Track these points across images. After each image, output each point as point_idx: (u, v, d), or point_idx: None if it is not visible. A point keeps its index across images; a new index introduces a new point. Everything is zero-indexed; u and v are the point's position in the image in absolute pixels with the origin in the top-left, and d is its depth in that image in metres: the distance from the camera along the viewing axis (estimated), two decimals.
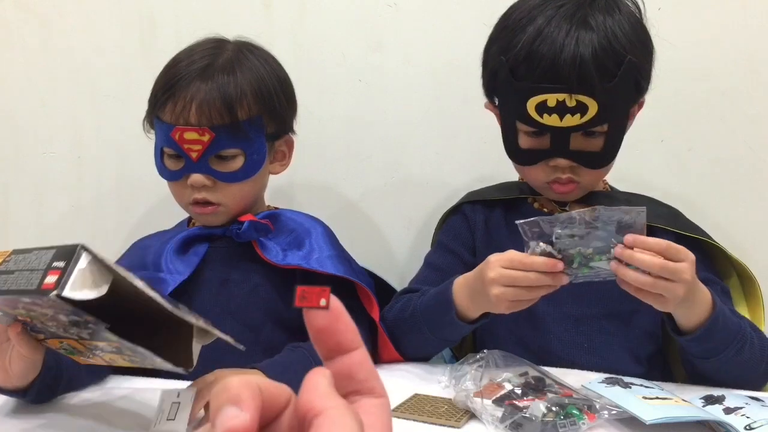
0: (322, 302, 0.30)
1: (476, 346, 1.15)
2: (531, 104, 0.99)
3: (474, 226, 1.16)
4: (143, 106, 1.41)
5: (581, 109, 0.97)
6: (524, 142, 1.05)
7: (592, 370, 0.98)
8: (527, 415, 0.74)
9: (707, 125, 1.33)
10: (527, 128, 1.03)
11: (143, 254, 1.10)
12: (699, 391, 0.89)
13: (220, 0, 1.40)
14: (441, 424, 0.79)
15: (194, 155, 1.02)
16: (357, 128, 1.40)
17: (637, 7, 1.04)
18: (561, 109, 0.97)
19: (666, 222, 1.06)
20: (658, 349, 1.10)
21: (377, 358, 1.06)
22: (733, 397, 0.85)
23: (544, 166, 1.04)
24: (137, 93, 1.40)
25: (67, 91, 1.42)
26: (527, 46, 0.98)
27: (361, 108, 1.40)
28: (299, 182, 1.40)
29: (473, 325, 0.99)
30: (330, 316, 0.31)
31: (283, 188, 1.38)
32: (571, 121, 0.98)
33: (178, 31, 1.39)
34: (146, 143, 1.41)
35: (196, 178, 1.03)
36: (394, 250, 1.43)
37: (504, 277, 0.89)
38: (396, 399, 0.85)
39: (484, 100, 1.15)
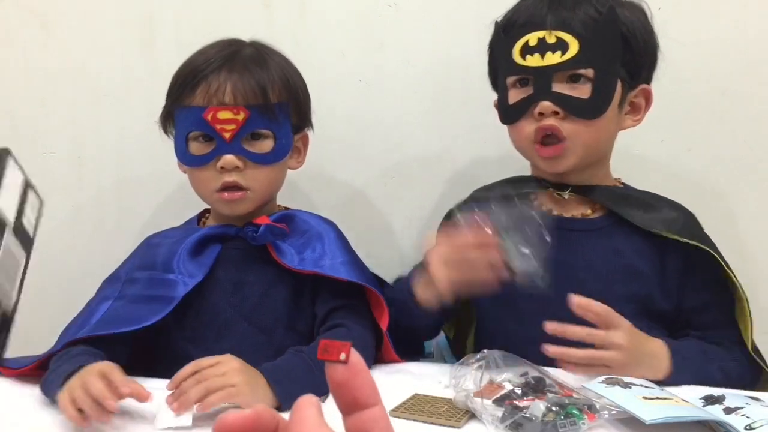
0: (342, 356, 0.31)
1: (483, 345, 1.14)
2: (516, 49, 1.02)
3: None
4: (143, 106, 1.41)
5: (561, 46, 0.99)
6: (512, 96, 1.05)
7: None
8: (527, 415, 0.74)
9: (707, 125, 1.33)
10: (514, 78, 1.05)
11: (153, 253, 1.09)
12: (699, 391, 0.88)
13: (220, 0, 1.40)
14: (441, 424, 0.79)
15: (227, 135, 1.02)
16: (357, 128, 1.40)
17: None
18: (542, 47, 1.00)
19: (678, 231, 1.04)
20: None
21: (380, 360, 1.06)
22: (733, 397, 0.85)
23: (530, 118, 1.03)
24: (137, 93, 1.41)
25: (67, 91, 1.42)
26: (515, 6, 1.06)
27: (361, 108, 1.40)
28: (299, 182, 1.40)
29: (433, 313, 1.00)
30: (348, 372, 0.31)
31: (283, 187, 1.38)
32: (552, 59, 0.99)
33: (178, 31, 1.39)
34: (146, 143, 1.41)
35: (229, 158, 1.03)
36: (394, 249, 1.43)
37: (440, 253, 0.94)
38: (396, 399, 0.85)
39: (484, 100, 1.16)
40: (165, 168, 1.38)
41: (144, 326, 0.98)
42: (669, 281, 1.06)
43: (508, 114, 1.07)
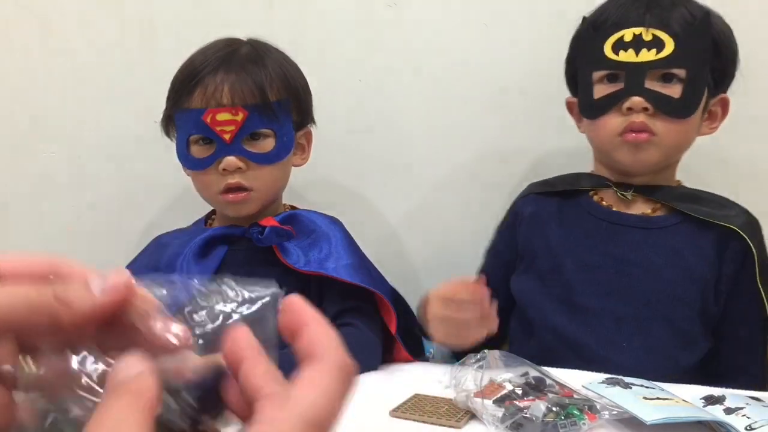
0: None
1: (506, 331, 1.15)
2: (608, 44, 1.02)
3: (521, 221, 1.16)
4: (143, 106, 1.40)
5: (657, 44, 0.99)
6: (599, 91, 1.04)
7: (626, 371, 0.93)
8: (528, 416, 0.74)
9: None
10: (602, 72, 1.04)
11: (160, 254, 1.09)
12: (699, 391, 0.88)
13: (220, 0, 1.40)
14: (441, 425, 0.79)
15: (227, 137, 1.02)
16: (357, 128, 1.40)
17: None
18: (637, 44, 0.99)
19: (738, 226, 1.03)
20: (700, 360, 1.05)
21: (391, 361, 1.06)
22: (734, 397, 0.85)
23: (618, 113, 1.02)
24: (137, 93, 1.41)
25: (67, 91, 1.42)
26: (606, 5, 1.06)
27: (361, 108, 1.40)
28: (299, 182, 1.40)
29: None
30: None
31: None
32: (647, 56, 0.99)
33: (178, 31, 1.39)
34: (146, 143, 1.41)
35: (230, 160, 1.03)
36: (394, 250, 1.43)
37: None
38: (396, 399, 0.85)
39: (484, 100, 1.16)
40: (165, 168, 1.38)
41: None
42: (722, 285, 1.04)
43: (593, 108, 1.06)
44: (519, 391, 0.81)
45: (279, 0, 1.39)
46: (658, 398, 0.81)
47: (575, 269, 1.07)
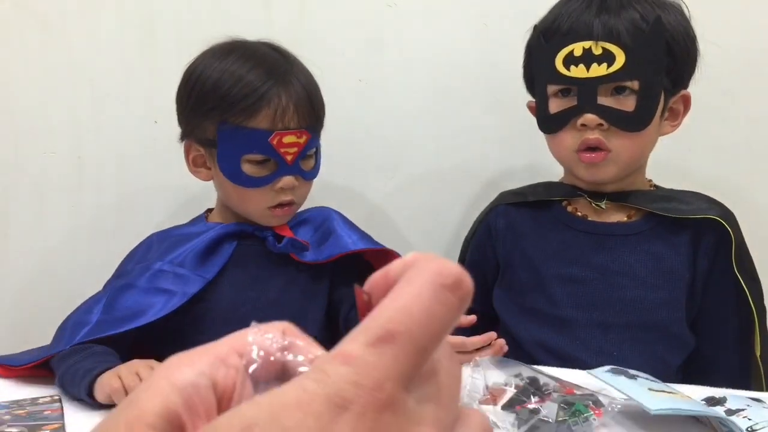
0: None
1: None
2: (559, 58, 1.00)
3: (495, 235, 1.16)
4: (143, 106, 1.40)
5: (608, 58, 0.97)
6: (554, 106, 1.04)
7: None
8: (542, 418, 0.74)
9: (707, 125, 1.33)
10: (556, 87, 1.03)
11: (158, 248, 1.09)
12: (700, 393, 0.88)
13: (220, 0, 1.40)
14: None
15: (290, 158, 1.03)
16: (357, 128, 1.40)
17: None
18: (587, 58, 0.98)
19: (721, 217, 1.03)
20: (689, 356, 1.07)
21: None
22: (735, 398, 0.85)
23: (573, 129, 1.02)
24: (137, 93, 1.40)
25: (67, 91, 1.41)
26: (557, 10, 1.03)
27: (361, 108, 1.40)
28: None
29: None
30: None
31: None
32: (597, 71, 0.97)
33: (178, 30, 1.39)
34: (146, 143, 1.40)
35: (289, 180, 1.05)
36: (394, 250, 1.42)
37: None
38: None
39: (484, 100, 1.16)
40: (165, 168, 1.38)
41: (145, 323, 0.97)
42: (698, 281, 1.05)
43: (549, 123, 1.06)
44: (524, 394, 0.80)
45: (278, 0, 1.39)
46: (663, 391, 0.81)
47: (557, 283, 1.07)
